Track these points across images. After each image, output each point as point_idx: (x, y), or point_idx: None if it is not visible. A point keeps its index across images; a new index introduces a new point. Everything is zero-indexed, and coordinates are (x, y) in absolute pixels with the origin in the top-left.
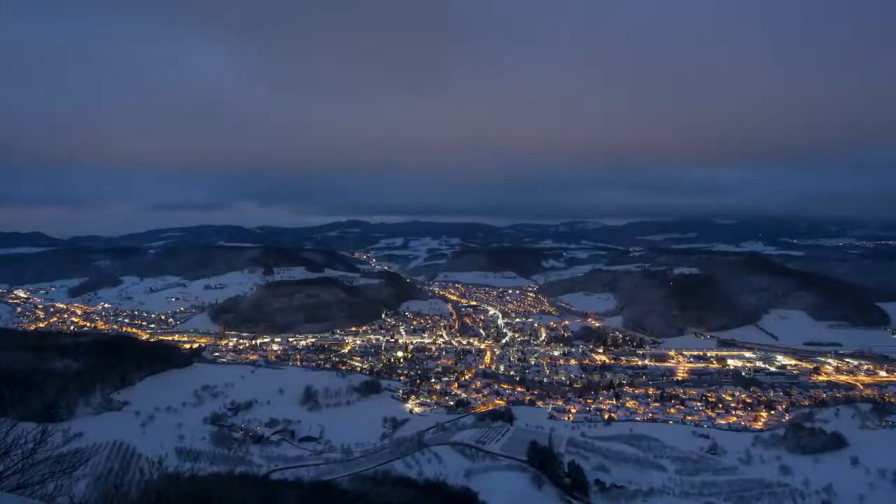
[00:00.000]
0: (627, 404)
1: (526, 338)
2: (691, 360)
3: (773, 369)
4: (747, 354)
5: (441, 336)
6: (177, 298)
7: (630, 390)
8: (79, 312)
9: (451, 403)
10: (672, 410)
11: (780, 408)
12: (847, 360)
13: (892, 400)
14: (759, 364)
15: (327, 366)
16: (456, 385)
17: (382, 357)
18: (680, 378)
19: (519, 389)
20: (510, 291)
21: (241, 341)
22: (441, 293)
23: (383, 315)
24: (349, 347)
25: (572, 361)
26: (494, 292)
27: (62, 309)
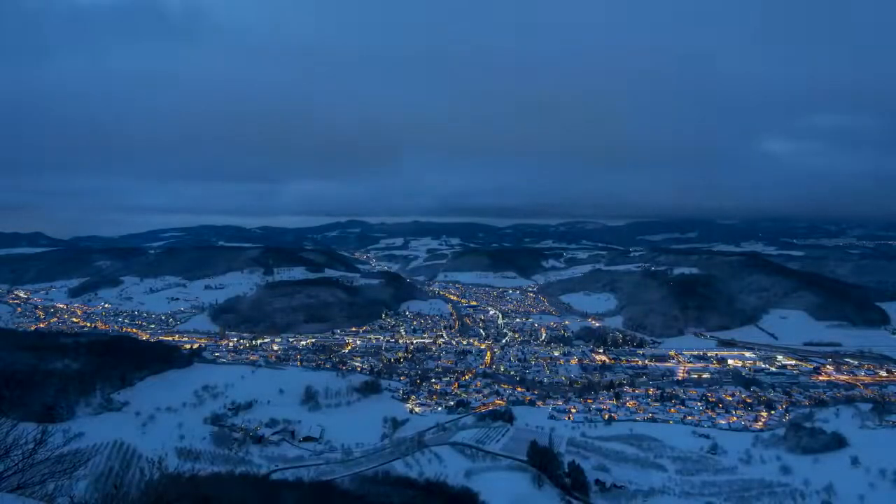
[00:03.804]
0: (627, 404)
1: (526, 338)
2: (691, 360)
3: (773, 369)
4: (747, 354)
5: (441, 336)
6: (177, 299)
7: (630, 390)
8: (79, 312)
9: (452, 403)
10: (672, 410)
11: (780, 408)
12: (847, 360)
13: (893, 400)
14: (760, 364)
15: (327, 366)
16: (456, 385)
17: (382, 357)
18: (680, 378)
19: (519, 389)
20: (510, 291)
21: (241, 341)
22: (441, 293)
23: (383, 315)
24: (349, 347)
25: (572, 361)
26: (494, 292)
27: (62, 309)
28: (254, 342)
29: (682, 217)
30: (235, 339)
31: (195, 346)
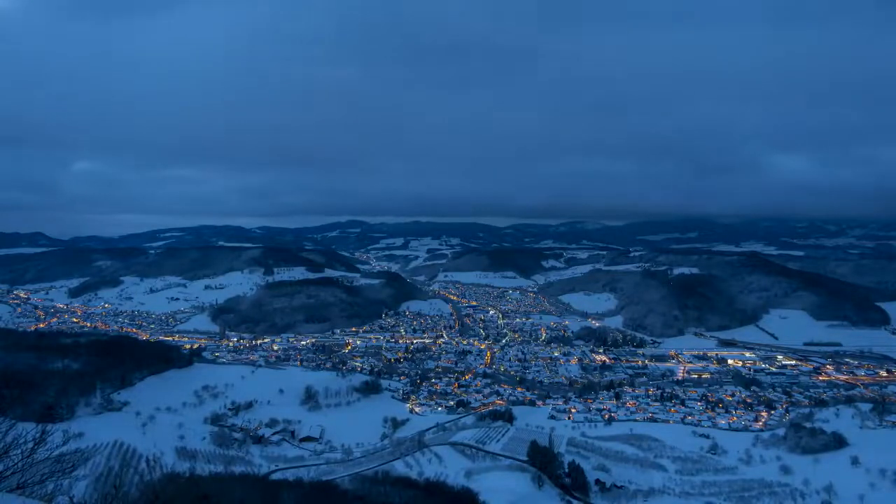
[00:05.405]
0: (627, 404)
1: (526, 338)
2: (691, 360)
3: (773, 369)
4: (747, 354)
5: (441, 336)
6: (177, 299)
7: (630, 390)
8: (79, 313)
9: (452, 403)
10: (672, 410)
11: (780, 408)
12: (847, 360)
13: (893, 400)
14: (760, 364)
15: (328, 366)
16: (456, 385)
17: (383, 357)
18: (680, 378)
19: (519, 389)
20: (510, 291)
21: (242, 341)
22: (441, 293)
23: (383, 315)
24: (349, 347)
25: (572, 361)
26: (494, 292)
27: (62, 309)
28: (254, 342)
29: (682, 217)
30: (235, 339)
31: (195, 346)
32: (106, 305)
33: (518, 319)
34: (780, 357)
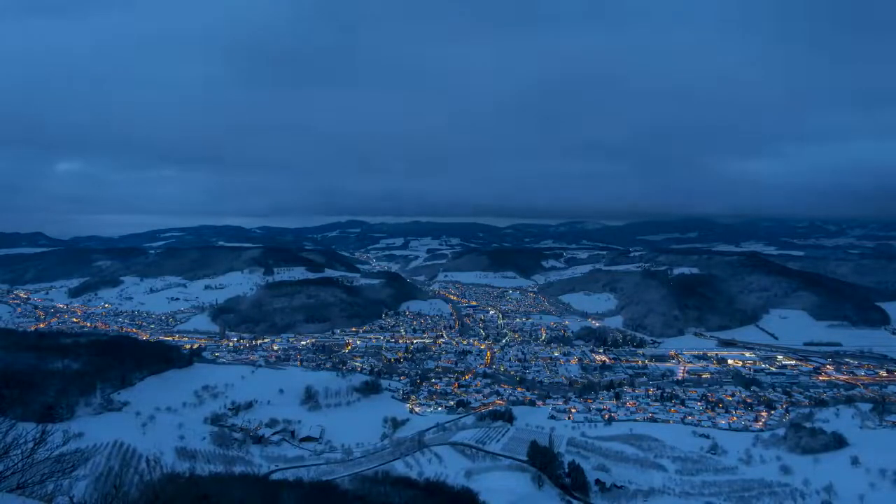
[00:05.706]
0: (627, 404)
1: (526, 338)
2: (691, 360)
3: (773, 369)
4: (747, 354)
5: (441, 336)
6: (177, 299)
7: (630, 390)
8: (79, 313)
9: (452, 403)
10: (672, 410)
11: (780, 408)
12: (847, 359)
13: (893, 400)
14: (760, 364)
15: (327, 366)
16: (456, 385)
17: (383, 357)
18: (680, 378)
19: (519, 389)
20: (510, 291)
21: (242, 341)
22: (441, 293)
23: (383, 315)
24: (349, 347)
25: (572, 361)
26: (494, 292)
27: (62, 309)
28: (254, 342)
29: (682, 217)
30: (235, 339)
31: (195, 346)
32: (106, 305)
33: (518, 319)
34: (780, 357)
